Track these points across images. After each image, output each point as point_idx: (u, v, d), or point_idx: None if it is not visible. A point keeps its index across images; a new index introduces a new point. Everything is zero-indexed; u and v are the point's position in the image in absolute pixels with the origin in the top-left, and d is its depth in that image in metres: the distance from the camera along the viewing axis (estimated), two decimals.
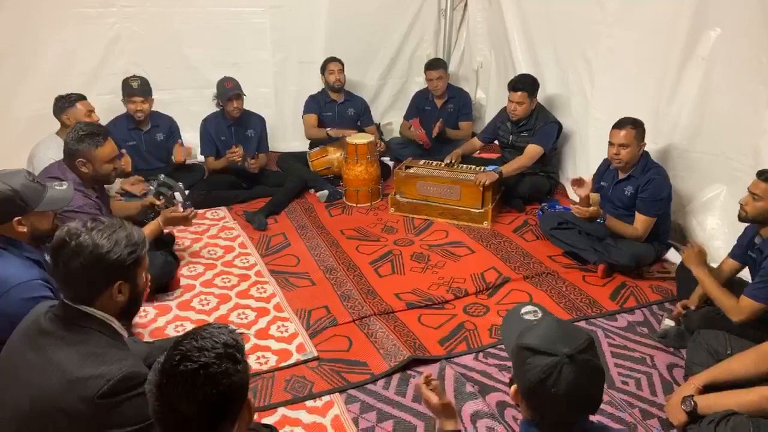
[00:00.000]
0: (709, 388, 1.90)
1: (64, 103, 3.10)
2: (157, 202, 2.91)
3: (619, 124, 2.85)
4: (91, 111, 3.15)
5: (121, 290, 1.39)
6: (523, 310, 1.35)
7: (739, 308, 2.11)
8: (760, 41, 2.58)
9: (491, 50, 4.66)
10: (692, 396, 1.88)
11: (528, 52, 4.14)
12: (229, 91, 3.68)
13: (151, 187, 3.09)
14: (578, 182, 2.92)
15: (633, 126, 2.81)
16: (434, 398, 1.52)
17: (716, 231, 2.98)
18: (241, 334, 1.38)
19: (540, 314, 1.35)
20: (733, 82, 2.79)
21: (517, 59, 4.21)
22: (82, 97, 3.16)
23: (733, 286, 2.32)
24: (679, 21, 2.96)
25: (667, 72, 3.09)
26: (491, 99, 4.74)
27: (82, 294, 1.36)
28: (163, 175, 3.19)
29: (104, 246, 1.34)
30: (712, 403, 1.83)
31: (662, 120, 3.13)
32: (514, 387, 1.23)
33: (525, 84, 3.63)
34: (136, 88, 3.55)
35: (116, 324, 1.41)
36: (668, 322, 2.49)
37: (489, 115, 4.61)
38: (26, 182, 1.83)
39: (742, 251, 2.33)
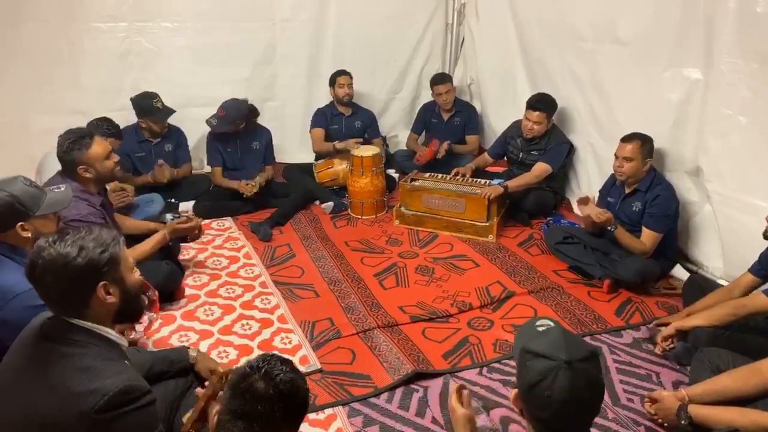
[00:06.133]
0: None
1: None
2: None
3: (627, 138, 2.87)
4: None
5: (109, 291, 1.35)
6: (537, 323, 1.36)
7: None
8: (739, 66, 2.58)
9: (488, 65, 4.63)
10: (686, 407, 1.86)
11: (524, 68, 4.17)
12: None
13: (130, 196, 3.21)
14: (584, 200, 2.98)
15: (641, 141, 2.83)
16: (459, 409, 1.49)
17: (713, 252, 2.96)
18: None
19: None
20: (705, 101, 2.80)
21: (513, 76, 4.24)
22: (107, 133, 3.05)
23: None
24: (665, 38, 2.96)
25: (652, 91, 3.08)
26: (489, 114, 4.72)
27: (69, 307, 1.34)
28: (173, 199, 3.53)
29: (70, 253, 1.31)
30: (707, 414, 1.82)
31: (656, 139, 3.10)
32: (514, 391, 1.25)
33: (545, 104, 3.60)
34: (162, 109, 3.60)
35: (112, 334, 1.39)
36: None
37: (487, 130, 4.64)
38: (24, 188, 1.84)
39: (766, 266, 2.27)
